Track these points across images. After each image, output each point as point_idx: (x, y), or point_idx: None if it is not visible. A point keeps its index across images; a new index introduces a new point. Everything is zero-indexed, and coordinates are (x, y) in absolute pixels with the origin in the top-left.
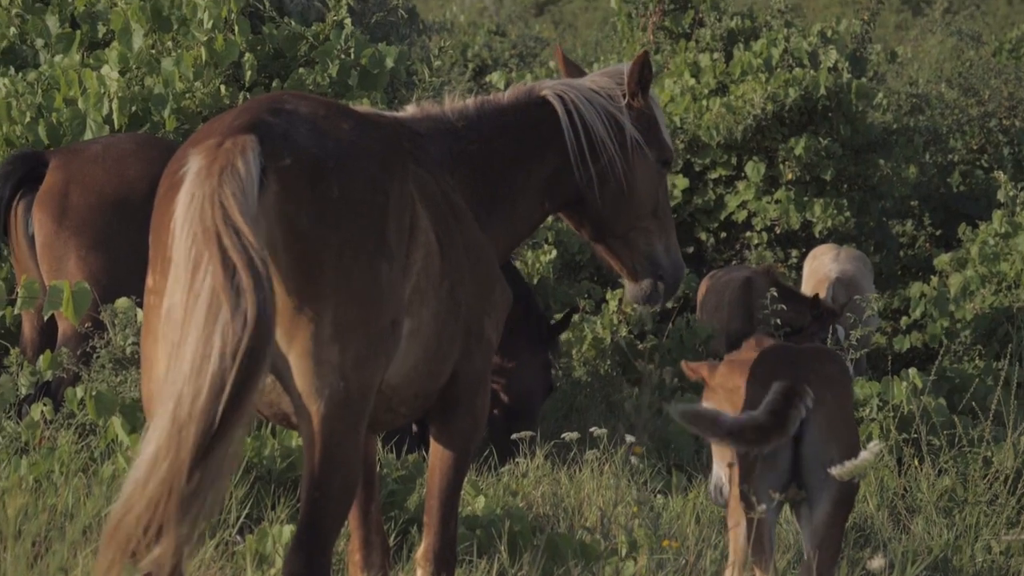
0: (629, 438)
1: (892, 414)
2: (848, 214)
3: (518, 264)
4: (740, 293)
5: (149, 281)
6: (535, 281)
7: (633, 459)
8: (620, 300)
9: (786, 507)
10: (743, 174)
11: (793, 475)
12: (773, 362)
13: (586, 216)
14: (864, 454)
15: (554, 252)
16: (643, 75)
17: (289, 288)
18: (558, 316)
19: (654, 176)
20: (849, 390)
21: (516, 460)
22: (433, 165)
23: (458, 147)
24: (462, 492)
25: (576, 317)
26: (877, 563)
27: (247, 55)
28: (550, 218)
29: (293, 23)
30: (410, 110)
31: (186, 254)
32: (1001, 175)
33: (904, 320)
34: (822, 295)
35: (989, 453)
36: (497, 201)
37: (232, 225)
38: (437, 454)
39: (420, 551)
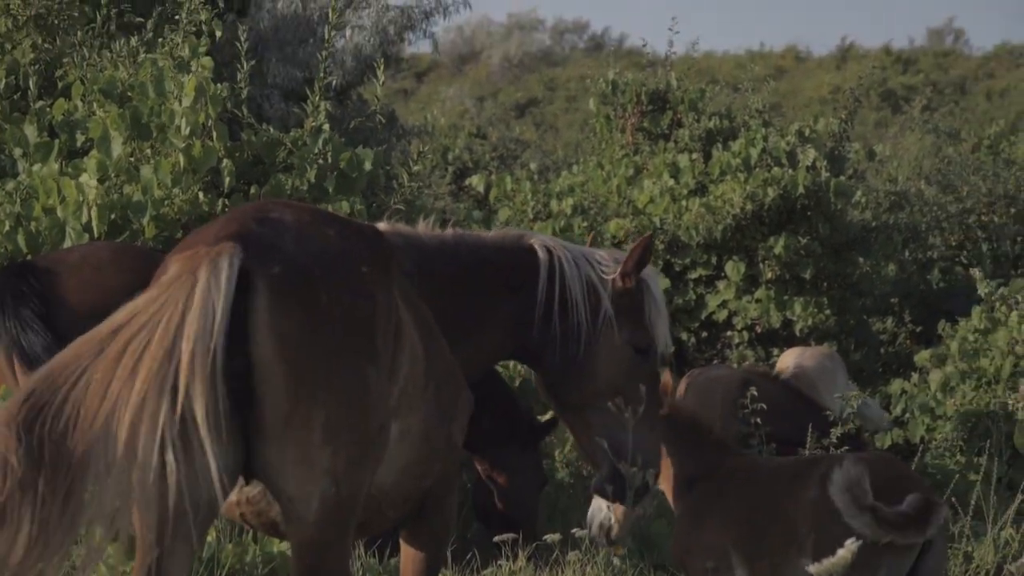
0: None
1: None
2: (828, 312)
3: (500, 368)
4: (737, 393)
5: None
6: (517, 384)
7: (615, 560)
8: None
9: None
10: (723, 274)
11: None
12: (893, 475)
13: (541, 375)
14: (841, 551)
15: None
16: (642, 257)
17: (280, 393)
18: (542, 418)
19: (620, 358)
20: None
21: (499, 563)
22: (406, 274)
23: (427, 266)
24: None
25: None
26: None
27: (225, 161)
28: None
29: (271, 129)
30: (382, 226)
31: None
32: (977, 272)
33: (886, 417)
34: None
35: (970, 548)
36: (458, 326)
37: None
38: (409, 557)
39: None
